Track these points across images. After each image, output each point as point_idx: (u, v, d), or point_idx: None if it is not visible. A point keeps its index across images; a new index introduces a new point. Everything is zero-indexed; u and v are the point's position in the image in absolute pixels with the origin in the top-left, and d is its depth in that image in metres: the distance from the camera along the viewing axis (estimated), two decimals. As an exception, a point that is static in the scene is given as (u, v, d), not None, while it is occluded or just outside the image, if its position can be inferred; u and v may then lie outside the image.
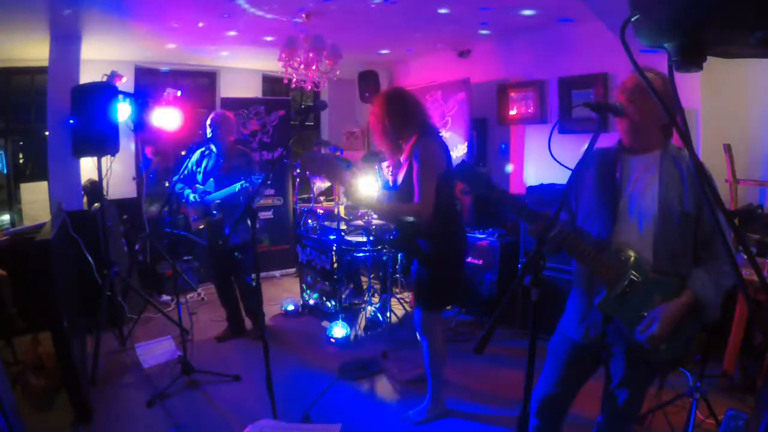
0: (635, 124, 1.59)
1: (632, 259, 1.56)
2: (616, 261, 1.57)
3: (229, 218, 3.60)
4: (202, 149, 3.74)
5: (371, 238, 4.08)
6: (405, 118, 2.50)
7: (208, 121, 3.64)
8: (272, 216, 5.65)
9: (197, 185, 3.69)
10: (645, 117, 1.57)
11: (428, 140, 2.45)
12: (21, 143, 5.42)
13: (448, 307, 4.39)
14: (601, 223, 1.64)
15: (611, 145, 1.73)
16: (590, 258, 1.58)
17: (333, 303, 4.17)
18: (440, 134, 2.56)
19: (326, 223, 4.62)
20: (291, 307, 4.46)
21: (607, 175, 1.67)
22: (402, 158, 2.58)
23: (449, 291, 2.64)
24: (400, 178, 2.55)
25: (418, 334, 2.73)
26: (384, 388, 3.19)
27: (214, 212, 3.60)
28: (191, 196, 3.65)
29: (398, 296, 4.52)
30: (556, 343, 1.81)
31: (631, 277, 1.55)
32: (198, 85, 6.03)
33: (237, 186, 3.40)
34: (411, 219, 2.45)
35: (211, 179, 3.63)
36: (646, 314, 1.53)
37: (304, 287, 4.58)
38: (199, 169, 3.72)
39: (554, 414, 1.83)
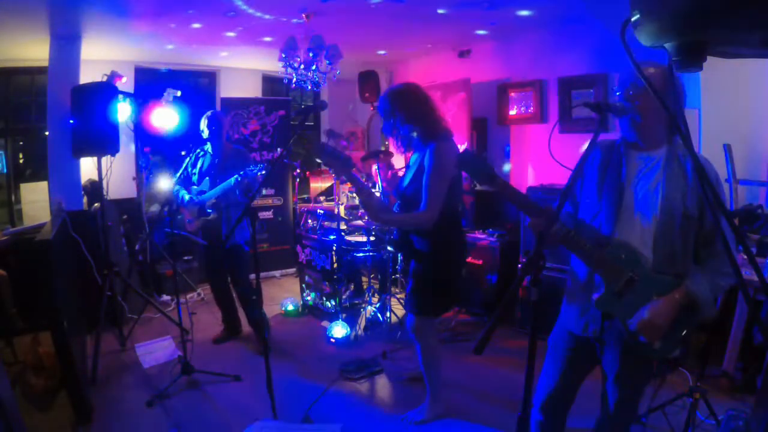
0: (636, 123, 1.57)
1: (632, 257, 1.56)
2: (615, 259, 1.56)
3: (225, 218, 3.56)
4: (198, 150, 3.74)
5: (371, 238, 4.08)
6: (417, 116, 2.44)
7: (204, 122, 3.63)
8: (272, 216, 5.65)
9: (193, 186, 3.68)
10: (646, 115, 1.54)
11: (444, 146, 2.39)
12: (21, 143, 5.43)
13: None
14: (604, 219, 1.63)
15: (616, 138, 1.71)
16: (590, 255, 1.58)
17: (333, 303, 4.17)
18: (453, 139, 2.49)
19: (326, 223, 4.61)
20: (291, 307, 4.46)
21: (611, 170, 1.65)
22: (410, 159, 2.55)
23: (444, 297, 2.59)
24: (406, 180, 2.51)
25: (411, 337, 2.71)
26: (384, 388, 3.19)
27: (209, 211, 3.57)
28: (186, 196, 3.63)
29: (398, 296, 4.52)
30: (556, 337, 1.82)
31: (630, 275, 1.55)
32: (198, 85, 6.04)
33: (232, 180, 3.37)
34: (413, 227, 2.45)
35: (207, 179, 3.62)
36: None
37: (304, 287, 4.58)
38: (194, 171, 3.72)
39: (558, 408, 1.84)
